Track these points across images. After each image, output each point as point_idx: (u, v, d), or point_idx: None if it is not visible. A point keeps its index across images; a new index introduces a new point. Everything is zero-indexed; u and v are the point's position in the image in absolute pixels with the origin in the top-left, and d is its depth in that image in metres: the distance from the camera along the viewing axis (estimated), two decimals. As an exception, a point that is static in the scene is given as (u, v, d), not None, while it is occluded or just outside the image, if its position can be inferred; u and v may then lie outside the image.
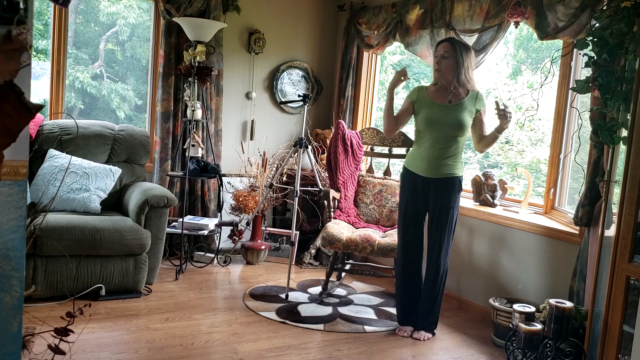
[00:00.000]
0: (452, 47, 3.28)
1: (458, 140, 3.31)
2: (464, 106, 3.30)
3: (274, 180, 4.48)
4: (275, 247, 4.91)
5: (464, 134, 3.32)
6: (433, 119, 3.31)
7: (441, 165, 3.31)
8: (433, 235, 3.39)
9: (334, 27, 5.34)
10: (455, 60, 3.27)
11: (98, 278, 3.53)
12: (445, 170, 3.31)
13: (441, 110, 3.31)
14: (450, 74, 3.30)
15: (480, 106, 3.33)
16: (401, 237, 3.48)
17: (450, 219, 3.34)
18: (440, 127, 3.29)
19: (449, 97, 3.33)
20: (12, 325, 1.75)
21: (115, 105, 5.20)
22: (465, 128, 3.30)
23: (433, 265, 3.38)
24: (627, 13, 2.49)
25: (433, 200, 3.36)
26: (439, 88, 3.37)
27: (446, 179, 3.32)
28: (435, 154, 3.31)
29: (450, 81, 3.31)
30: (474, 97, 3.32)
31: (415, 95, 3.43)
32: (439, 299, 3.43)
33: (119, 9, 5.11)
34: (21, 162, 1.70)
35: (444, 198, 3.33)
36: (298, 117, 5.20)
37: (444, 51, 3.29)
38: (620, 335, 2.37)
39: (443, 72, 3.30)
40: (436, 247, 3.36)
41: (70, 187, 3.79)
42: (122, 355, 2.86)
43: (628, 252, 2.33)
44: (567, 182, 3.58)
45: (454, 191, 3.34)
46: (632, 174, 2.32)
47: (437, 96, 3.36)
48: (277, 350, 3.07)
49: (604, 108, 2.65)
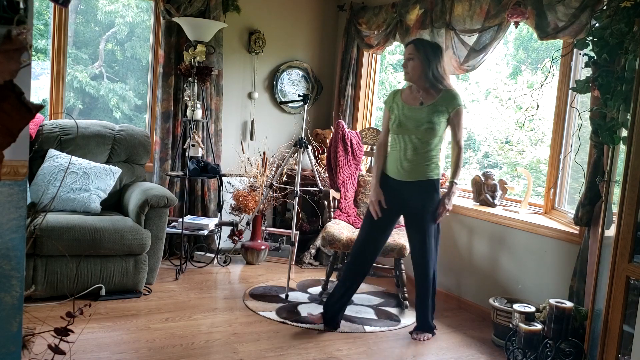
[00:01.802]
0: (416, 48, 3.25)
1: (430, 143, 3.25)
2: (435, 108, 3.24)
3: (274, 180, 4.48)
4: (275, 247, 4.91)
5: (437, 135, 3.25)
6: (404, 122, 3.28)
7: (414, 168, 3.26)
8: (413, 238, 3.37)
9: (334, 27, 5.34)
10: (421, 60, 3.23)
11: (98, 278, 3.53)
12: (419, 173, 3.26)
13: (412, 112, 3.27)
14: (418, 75, 3.25)
15: (454, 106, 3.25)
16: (363, 235, 3.41)
17: (427, 222, 3.29)
18: (411, 130, 3.25)
19: (420, 99, 3.29)
20: (12, 325, 1.75)
21: (113, 105, 5.20)
22: (437, 130, 3.24)
23: (419, 267, 3.36)
24: (627, 13, 2.49)
25: (408, 203, 3.32)
26: (412, 90, 3.34)
27: (420, 182, 3.27)
28: (408, 157, 3.26)
29: (419, 82, 3.27)
30: (447, 97, 3.26)
31: (391, 99, 3.41)
32: (432, 300, 3.42)
33: (117, 8, 5.11)
34: (21, 162, 1.70)
35: (418, 201, 3.28)
36: (298, 117, 5.20)
37: (408, 53, 3.26)
38: (620, 335, 2.37)
39: (410, 74, 3.26)
40: (417, 250, 3.34)
41: (70, 187, 3.79)
42: (122, 355, 2.86)
43: (628, 252, 2.33)
44: (567, 182, 3.58)
45: (428, 194, 3.28)
46: (632, 174, 2.32)
47: (409, 99, 3.33)
48: (277, 350, 3.07)
49: (604, 108, 2.65)
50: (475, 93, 5.32)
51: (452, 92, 3.28)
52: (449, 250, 4.12)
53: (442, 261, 4.18)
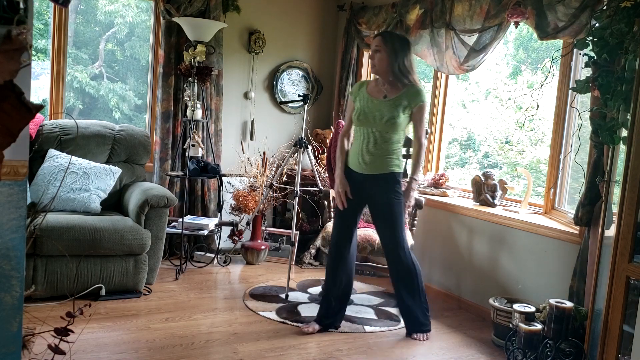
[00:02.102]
0: (383, 40, 3.22)
1: (391, 136, 3.22)
2: (398, 102, 3.22)
3: (274, 180, 4.48)
4: (275, 247, 4.91)
5: (397, 130, 3.23)
6: (365, 114, 3.26)
7: (375, 161, 3.24)
8: (382, 232, 3.35)
9: (334, 27, 5.34)
10: (387, 53, 3.20)
11: (98, 278, 3.53)
12: (379, 166, 3.24)
13: (374, 105, 3.25)
14: (384, 68, 3.23)
15: (417, 102, 3.23)
16: (335, 231, 3.40)
17: (394, 214, 3.25)
18: (372, 123, 3.23)
19: (384, 92, 3.27)
20: (12, 325, 1.75)
21: (113, 105, 5.20)
22: (398, 124, 3.21)
23: (395, 262, 3.33)
24: (627, 13, 2.49)
25: (372, 197, 3.31)
26: (377, 83, 3.32)
27: (381, 175, 3.24)
28: (368, 150, 3.24)
29: (385, 75, 3.25)
30: (411, 92, 3.24)
31: (357, 90, 3.39)
32: (420, 293, 3.36)
33: (117, 8, 5.11)
34: (21, 162, 1.70)
35: (381, 195, 3.26)
36: (298, 117, 5.20)
37: (375, 45, 3.24)
38: (620, 335, 2.37)
39: (377, 66, 3.24)
40: (389, 244, 3.31)
41: (70, 187, 3.79)
42: (122, 355, 2.86)
43: (628, 252, 2.33)
44: (567, 182, 3.58)
45: (390, 187, 3.25)
46: (632, 174, 2.32)
47: (374, 91, 3.31)
48: (277, 350, 3.07)
49: (604, 108, 2.65)
50: (475, 93, 5.32)
51: (417, 88, 3.26)
52: (449, 250, 4.12)
53: (442, 261, 4.19)
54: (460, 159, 5.47)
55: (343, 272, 3.40)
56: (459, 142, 5.45)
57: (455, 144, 5.41)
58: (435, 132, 4.47)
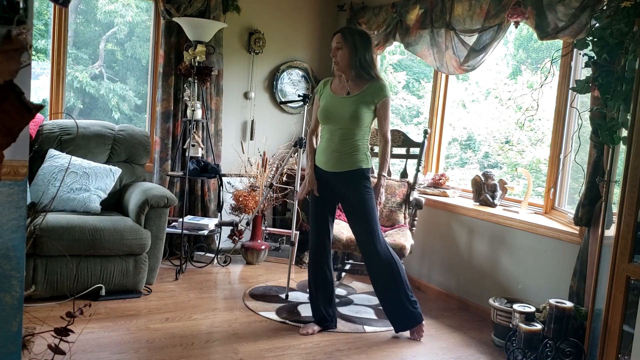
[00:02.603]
0: (343, 36, 3.20)
1: (355, 133, 3.21)
2: (361, 98, 3.21)
3: (274, 180, 4.48)
4: (275, 247, 4.91)
5: (362, 126, 3.21)
6: (329, 111, 3.25)
7: (341, 158, 3.22)
8: (356, 228, 3.32)
9: (334, 27, 5.33)
10: (349, 49, 3.18)
11: (98, 278, 3.53)
12: (347, 163, 3.22)
13: (338, 102, 3.24)
14: (346, 64, 3.21)
15: (380, 98, 3.20)
16: (313, 230, 3.38)
17: (366, 210, 3.23)
18: (336, 120, 3.22)
19: (347, 88, 3.26)
20: (12, 325, 1.75)
21: (113, 105, 5.20)
22: (361, 121, 3.20)
23: (370, 257, 3.29)
24: (627, 13, 2.49)
25: (342, 194, 3.30)
26: (341, 80, 3.30)
27: (349, 172, 3.23)
28: (334, 148, 3.24)
29: (348, 72, 3.23)
30: (375, 87, 3.21)
31: (322, 87, 3.38)
32: (401, 290, 3.29)
33: (117, 8, 5.11)
34: (21, 162, 1.70)
35: (351, 191, 3.25)
36: (298, 117, 5.20)
37: (336, 42, 3.21)
38: (620, 335, 2.37)
39: (340, 63, 3.21)
40: (364, 239, 3.28)
41: (70, 187, 3.79)
42: (122, 355, 2.86)
43: (628, 252, 2.33)
44: (567, 182, 3.58)
45: (359, 183, 3.24)
46: (632, 174, 2.32)
47: (337, 88, 3.30)
48: (277, 350, 3.07)
49: (604, 108, 2.65)
50: (475, 93, 5.32)
51: (380, 83, 3.24)
52: (449, 250, 4.12)
53: (442, 261, 4.19)
54: (460, 159, 5.47)
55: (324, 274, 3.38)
56: (459, 142, 5.45)
57: (455, 144, 5.41)
58: (435, 132, 4.47)
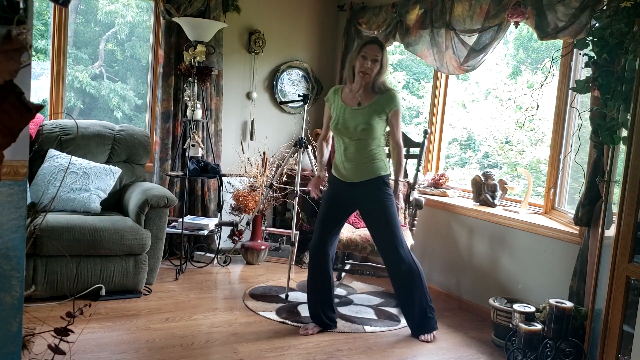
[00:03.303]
0: (381, 50, 3.19)
1: (370, 143, 3.22)
2: (372, 109, 3.21)
3: (274, 180, 4.48)
4: (275, 247, 4.91)
5: (376, 136, 3.22)
6: (342, 123, 3.25)
7: (360, 169, 3.24)
8: (379, 235, 3.33)
9: (334, 27, 5.34)
10: (382, 66, 3.19)
11: (98, 278, 3.53)
12: (366, 173, 3.24)
13: (349, 113, 3.24)
14: (374, 78, 3.21)
15: (392, 108, 3.22)
16: (318, 231, 3.38)
17: (388, 216, 3.24)
18: (349, 132, 3.22)
19: (358, 99, 3.25)
20: (12, 325, 1.75)
21: (114, 105, 5.20)
22: (375, 131, 3.20)
23: (392, 263, 3.31)
24: (627, 13, 2.49)
25: (363, 203, 3.30)
26: (352, 89, 3.28)
27: (369, 180, 3.25)
28: (351, 159, 3.24)
29: (368, 84, 3.23)
30: (386, 98, 3.22)
31: (332, 96, 3.37)
32: (421, 293, 3.33)
33: (118, 8, 5.11)
34: (21, 162, 1.70)
35: (372, 199, 3.26)
36: (298, 117, 5.20)
37: (375, 55, 3.18)
38: (620, 335, 2.37)
39: (370, 75, 3.19)
40: (385, 245, 3.30)
41: (70, 187, 3.79)
42: (122, 355, 2.86)
43: (628, 252, 2.33)
44: (567, 182, 3.58)
45: (380, 189, 3.25)
46: (632, 174, 2.32)
47: (348, 99, 3.29)
48: (277, 350, 3.07)
49: (604, 108, 2.65)
50: (475, 93, 5.32)
51: (391, 93, 3.24)
52: (449, 250, 4.12)
53: (442, 261, 4.19)
54: (460, 159, 5.47)
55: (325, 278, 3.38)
56: (459, 142, 5.45)
57: (455, 144, 5.41)
58: (435, 132, 4.47)
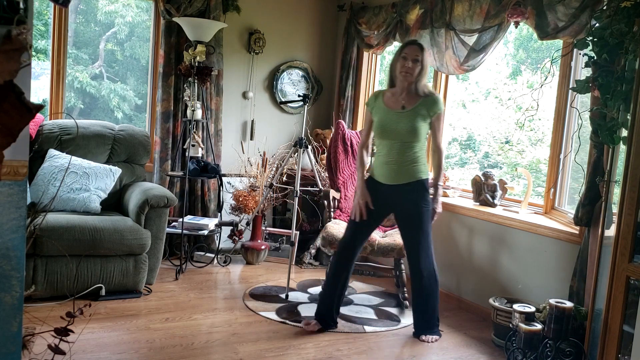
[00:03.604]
0: (422, 51, 3.22)
1: (414, 145, 3.24)
2: (417, 112, 3.23)
3: (274, 180, 4.48)
4: (275, 247, 4.91)
5: (419, 139, 3.25)
6: (386, 126, 3.26)
7: (401, 171, 3.25)
8: (409, 239, 3.35)
9: (334, 27, 5.34)
10: (424, 66, 3.22)
11: (98, 278, 3.53)
12: (407, 176, 3.25)
13: (393, 116, 3.26)
14: (416, 79, 3.23)
15: (435, 111, 3.25)
16: (349, 234, 3.40)
17: (423, 222, 3.28)
18: (394, 135, 3.24)
19: (402, 102, 3.27)
20: (12, 325, 1.75)
21: (114, 105, 5.20)
22: (419, 134, 3.23)
23: (419, 269, 3.34)
24: (627, 13, 2.49)
25: (400, 206, 3.32)
26: (394, 93, 3.31)
27: (409, 183, 3.26)
28: (394, 161, 3.26)
29: (411, 86, 3.25)
30: (429, 101, 3.25)
31: (373, 101, 3.39)
32: (434, 300, 3.40)
33: (117, 8, 5.11)
34: (21, 162, 1.70)
35: (410, 202, 3.28)
36: (298, 117, 5.20)
37: (415, 55, 3.21)
38: (620, 335, 2.37)
39: (412, 75, 3.22)
40: (415, 251, 3.33)
41: (70, 187, 3.79)
42: (122, 355, 2.86)
43: (628, 252, 2.33)
44: (567, 182, 3.58)
45: (419, 194, 3.28)
46: (632, 174, 2.32)
47: (391, 102, 3.30)
48: (277, 350, 3.07)
49: (604, 108, 2.65)
50: (475, 93, 5.31)
51: (434, 97, 3.28)
52: (449, 250, 4.12)
53: (442, 261, 4.19)
54: (460, 159, 5.46)
55: (345, 276, 3.42)
56: (459, 142, 5.45)
57: (455, 144, 5.41)
58: (435, 132, 4.46)
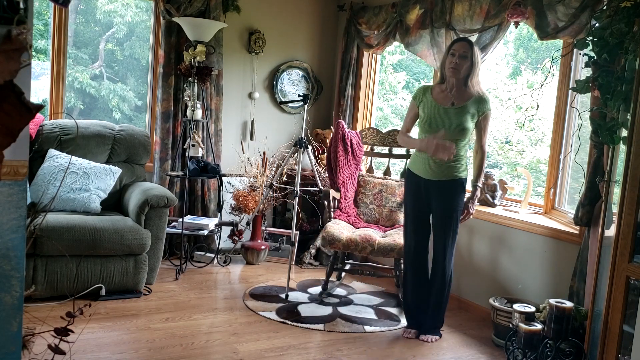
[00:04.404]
0: (470, 47, 3.23)
1: (459, 143, 3.26)
2: (466, 109, 3.25)
3: (274, 180, 4.48)
4: (275, 247, 4.91)
5: (466, 137, 3.28)
6: (434, 121, 3.27)
7: (443, 168, 3.26)
8: (438, 239, 3.36)
9: (334, 27, 5.34)
10: (472, 62, 3.22)
11: (98, 278, 3.53)
12: (447, 173, 3.27)
13: (443, 113, 3.27)
14: (464, 75, 3.24)
15: (484, 110, 3.27)
16: (409, 240, 3.44)
17: (454, 222, 3.31)
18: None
19: (452, 99, 3.29)
20: (12, 325, 1.75)
21: (113, 106, 5.20)
22: (467, 132, 3.26)
23: (439, 269, 3.36)
24: (627, 13, 2.49)
25: (436, 203, 3.33)
26: (444, 89, 3.32)
27: (448, 181, 3.28)
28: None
29: (460, 82, 3.26)
30: (479, 100, 3.26)
31: (421, 95, 3.39)
32: (445, 302, 3.42)
33: (117, 7, 5.11)
34: (21, 162, 1.70)
35: (446, 201, 3.30)
36: (298, 117, 5.20)
37: (463, 50, 3.22)
38: (620, 335, 2.38)
39: (460, 71, 3.23)
40: (441, 250, 3.34)
41: (70, 187, 3.79)
42: (122, 355, 2.86)
43: (628, 252, 2.33)
44: (567, 182, 3.58)
45: (457, 194, 3.30)
46: (632, 174, 2.32)
47: (441, 98, 3.32)
48: (277, 350, 3.07)
49: (604, 108, 2.65)
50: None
51: (484, 96, 3.29)
52: (449, 250, 4.12)
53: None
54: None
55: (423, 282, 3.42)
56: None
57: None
58: (435, 132, 4.46)
